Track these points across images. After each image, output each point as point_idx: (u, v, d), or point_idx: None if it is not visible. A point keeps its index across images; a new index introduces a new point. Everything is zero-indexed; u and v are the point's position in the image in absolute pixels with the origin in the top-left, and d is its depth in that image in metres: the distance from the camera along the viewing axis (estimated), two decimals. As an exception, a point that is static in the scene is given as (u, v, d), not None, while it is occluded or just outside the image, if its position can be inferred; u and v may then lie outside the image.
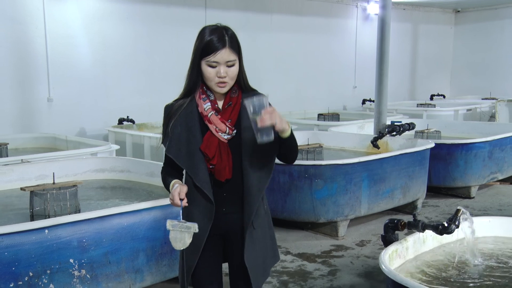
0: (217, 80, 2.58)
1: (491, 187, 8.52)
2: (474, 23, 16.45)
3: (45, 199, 4.56)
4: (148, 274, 4.35)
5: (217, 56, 2.54)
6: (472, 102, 13.23)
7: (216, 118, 2.65)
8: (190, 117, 2.70)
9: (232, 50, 2.58)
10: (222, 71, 2.56)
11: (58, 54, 8.64)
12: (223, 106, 2.70)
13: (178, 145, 2.69)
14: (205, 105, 2.67)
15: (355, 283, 4.92)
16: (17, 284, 3.69)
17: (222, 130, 2.64)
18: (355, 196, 6.09)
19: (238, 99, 2.70)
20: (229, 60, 2.57)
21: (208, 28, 2.63)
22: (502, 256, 3.75)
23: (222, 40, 2.56)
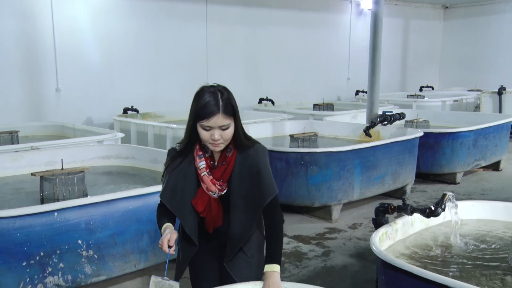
0: (211, 142, 2.55)
1: (475, 173, 8.55)
2: (462, 19, 16.46)
3: (54, 184, 4.57)
4: (152, 255, 4.38)
5: (210, 122, 2.49)
6: (458, 94, 13.22)
7: (207, 179, 2.64)
8: (188, 168, 2.69)
9: (226, 115, 2.51)
10: (216, 135, 2.52)
11: (66, 46, 8.62)
12: (218, 163, 2.69)
13: (172, 193, 2.69)
14: (200, 163, 2.66)
15: (347, 263, 4.95)
16: (29, 263, 3.73)
17: (212, 191, 2.64)
18: (348, 181, 6.12)
19: (232, 158, 2.68)
20: (223, 125, 2.52)
21: (205, 90, 2.55)
22: (484, 237, 3.77)
23: (216, 105, 2.48)
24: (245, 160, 2.67)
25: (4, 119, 7.65)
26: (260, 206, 2.66)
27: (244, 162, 2.67)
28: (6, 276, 3.68)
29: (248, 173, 2.67)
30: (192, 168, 2.69)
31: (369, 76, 7.52)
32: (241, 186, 2.67)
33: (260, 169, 2.67)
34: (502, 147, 8.64)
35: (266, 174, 2.68)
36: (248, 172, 2.67)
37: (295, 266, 4.88)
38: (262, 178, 2.66)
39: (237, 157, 2.67)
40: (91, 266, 4.03)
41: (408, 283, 2.92)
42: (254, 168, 2.66)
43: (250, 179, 2.67)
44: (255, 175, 2.66)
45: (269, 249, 2.68)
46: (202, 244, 2.78)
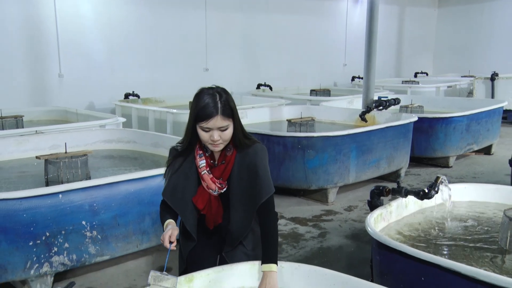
0: (210, 142, 2.57)
1: (467, 157, 8.58)
2: (456, 6, 16.43)
3: (58, 167, 4.58)
4: (154, 236, 4.39)
5: (209, 123, 2.50)
6: (452, 80, 13.22)
7: (208, 177, 2.66)
8: (188, 167, 2.72)
9: (224, 116, 2.52)
10: (216, 136, 2.53)
11: (68, 33, 8.59)
12: (218, 162, 2.71)
13: (174, 191, 2.72)
14: (200, 162, 2.68)
15: (343, 244, 4.98)
16: (36, 243, 3.75)
17: (212, 189, 2.67)
18: (344, 165, 6.13)
19: (232, 157, 2.69)
20: (222, 126, 2.52)
21: (204, 92, 2.55)
22: (475, 219, 3.79)
23: (215, 107, 2.49)
24: (244, 159, 2.69)
25: (9, 104, 7.62)
26: (256, 204, 2.68)
27: (243, 161, 2.69)
28: (14, 255, 3.70)
29: (247, 172, 2.69)
30: (193, 167, 2.71)
31: (365, 62, 7.51)
32: (240, 185, 2.69)
33: (258, 168, 2.68)
34: (493, 131, 8.66)
35: (264, 173, 2.69)
36: (246, 171, 2.69)
37: (293, 247, 4.91)
38: (260, 177, 2.68)
39: (236, 156, 2.69)
40: (95, 246, 4.05)
41: (402, 263, 2.95)
42: (253, 167, 2.68)
43: (248, 178, 2.69)
44: (253, 174, 2.68)
45: (265, 248, 2.67)
46: (203, 240, 2.82)
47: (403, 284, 2.87)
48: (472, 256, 3.14)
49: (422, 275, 2.85)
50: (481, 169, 7.83)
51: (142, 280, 4.19)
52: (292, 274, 2.66)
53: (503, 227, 3.25)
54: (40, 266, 3.82)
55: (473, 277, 2.61)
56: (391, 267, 3.09)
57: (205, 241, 2.83)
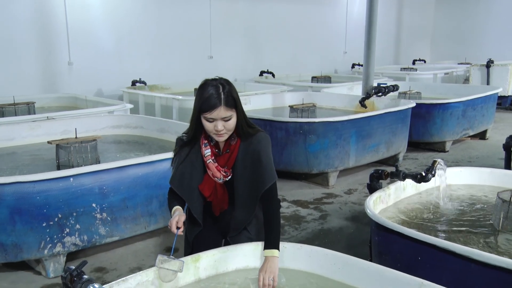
0: (215, 132, 2.58)
1: (463, 142, 8.58)
2: (453, -5, 16.33)
3: (69, 152, 4.59)
4: (161, 218, 4.42)
5: (213, 114, 2.51)
6: (449, 67, 13.17)
7: (213, 166, 2.69)
8: (194, 156, 2.73)
9: (228, 107, 2.52)
10: (220, 126, 2.54)
11: (77, 22, 8.56)
12: (223, 151, 2.73)
13: (181, 179, 2.73)
14: (206, 151, 2.70)
15: (343, 226, 5.01)
16: (49, 224, 3.79)
17: (217, 177, 2.69)
18: (344, 150, 6.15)
19: (236, 146, 2.71)
20: (225, 116, 2.53)
21: (208, 84, 2.56)
22: (470, 201, 3.81)
23: (218, 98, 2.50)
24: (248, 147, 2.70)
25: (21, 91, 7.61)
26: (260, 191, 2.69)
27: (247, 150, 2.70)
28: (28, 235, 3.75)
29: (251, 160, 2.70)
30: (198, 156, 2.73)
31: (365, 50, 7.48)
32: (244, 173, 2.71)
33: (261, 157, 2.69)
34: (488, 117, 8.66)
35: (267, 161, 2.71)
36: (250, 159, 2.70)
37: (294, 228, 4.94)
38: (263, 165, 2.69)
39: (240, 145, 2.71)
40: (105, 227, 4.08)
41: (399, 243, 2.97)
42: (256, 155, 2.69)
43: (252, 166, 2.70)
44: (257, 162, 2.69)
45: (267, 234, 2.68)
46: (208, 225, 2.85)
47: (401, 264, 2.89)
48: (466, 236, 3.16)
49: (419, 255, 2.87)
50: (476, 154, 7.84)
51: (150, 260, 4.23)
52: (294, 254, 2.68)
53: (496, 209, 3.28)
54: (53, 246, 3.86)
55: (467, 256, 2.63)
56: (389, 247, 3.12)
57: (211, 227, 2.86)
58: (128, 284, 2.32)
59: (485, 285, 2.62)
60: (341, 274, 2.52)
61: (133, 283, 2.33)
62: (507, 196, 3.23)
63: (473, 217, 3.47)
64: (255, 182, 2.70)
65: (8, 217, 3.69)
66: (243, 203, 2.75)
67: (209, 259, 2.60)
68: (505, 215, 3.20)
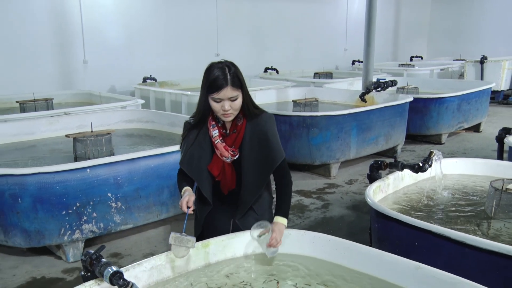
0: (222, 112, 2.57)
1: (458, 135, 8.58)
2: (448, -6, 16.28)
3: (85, 144, 4.63)
4: (172, 207, 4.46)
5: (220, 94, 2.51)
6: (445, 63, 13.12)
7: (221, 146, 2.68)
8: (203, 138, 2.72)
9: (234, 87, 2.53)
10: (226, 106, 2.53)
11: (91, 22, 8.58)
12: (230, 131, 2.72)
13: (190, 160, 2.72)
14: (213, 132, 2.69)
15: (344, 214, 5.04)
16: (68, 212, 3.84)
17: (225, 156, 2.69)
18: (345, 142, 6.16)
19: (243, 126, 2.70)
20: (232, 96, 2.53)
21: (214, 66, 2.56)
22: (465, 190, 3.82)
23: (225, 79, 2.50)
24: (255, 127, 2.70)
25: (40, 88, 7.66)
26: (270, 170, 2.72)
27: (254, 130, 2.70)
28: (49, 223, 3.81)
29: (257, 140, 2.70)
30: (206, 137, 2.73)
31: (365, 47, 7.48)
32: (251, 152, 2.71)
33: (268, 136, 2.70)
34: (482, 111, 8.64)
35: (274, 140, 2.72)
36: (257, 139, 2.70)
37: (298, 217, 4.97)
38: (271, 144, 2.70)
39: (247, 125, 2.70)
40: (120, 215, 4.12)
41: (398, 230, 2.99)
42: (263, 135, 2.70)
43: (259, 145, 2.70)
44: (264, 141, 2.70)
45: (278, 204, 2.73)
46: (218, 205, 2.85)
47: (399, 249, 2.91)
48: (461, 222, 3.18)
49: (416, 241, 2.89)
50: (471, 145, 7.83)
51: (162, 246, 4.27)
52: (299, 240, 2.70)
53: (489, 197, 3.30)
54: (72, 233, 3.91)
55: (461, 241, 2.66)
56: (388, 234, 3.14)
57: (220, 207, 2.85)
58: (143, 267, 2.36)
59: (477, 268, 2.64)
60: (342, 259, 2.54)
61: (148, 267, 2.37)
62: (499, 185, 3.26)
63: (467, 205, 3.49)
64: (264, 160, 2.71)
65: (31, 205, 3.75)
66: (250, 182, 2.74)
67: (217, 245, 2.63)
68: (497, 203, 3.22)
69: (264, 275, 2.53)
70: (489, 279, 2.46)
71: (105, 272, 2.04)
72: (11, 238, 3.88)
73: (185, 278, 2.47)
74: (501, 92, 11.71)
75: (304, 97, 7.36)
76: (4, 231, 3.87)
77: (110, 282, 2.03)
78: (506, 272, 2.54)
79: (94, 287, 2.13)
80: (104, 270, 2.05)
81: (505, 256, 2.51)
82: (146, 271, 2.36)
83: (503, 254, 2.51)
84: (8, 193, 3.72)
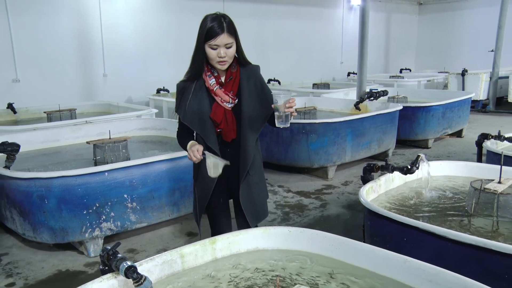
0: (218, 60, 2.52)
1: (443, 140, 8.54)
2: (433, 14, 16.38)
3: (104, 150, 4.66)
4: (183, 207, 4.46)
5: (217, 40, 2.47)
6: (431, 75, 13.10)
7: (220, 92, 2.62)
8: (199, 91, 2.65)
9: (230, 34, 2.50)
10: (222, 52, 2.50)
11: (111, 40, 8.63)
12: (226, 80, 2.66)
13: (191, 114, 2.64)
14: (211, 81, 2.63)
15: (340, 213, 5.02)
16: (88, 211, 3.86)
17: (226, 100, 2.62)
18: (341, 147, 6.15)
19: (237, 73, 2.65)
20: (228, 43, 2.50)
21: (209, 16, 2.52)
22: (448, 189, 3.81)
23: (221, 26, 2.47)
24: (249, 74, 2.67)
25: (65, 99, 7.73)
26: (267, 114, 2.66)
27: (248, 76, 2.67)
28: (72, 221, 3.83)
29: (254, 86, 2.67)
30: (203, 89, 2.66)
31: (359, 60, 7.48)
32: (249, 98, 2.65)
33: (262, 83, 2.69)
34: (464, 118, 8.61)
35: (267, 87, 2.71)
36: (253, 85, 2.67)
37: (298, 215, 4.96)
38: (265, 90, 2.68)
39: (241, 72, 2.66)
40: (135, 215, 4.13)
41: (388, 227, 2.98)
42: (258, 82, 2.68)
43: (256, 91, 2.66)
44: (260, 88, 2.67)
45: None
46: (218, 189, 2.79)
47: (389, 244, 2.90)
48: (444, 219, 3.17)
49: (405, 236, 2.89)
50: (454, 149, 7.80)
51: (174, 243, 4.27)
52: (298, 237, 2.68)
53: (469, 196, 3.31)
54: (93, 231, 3.92)
55: (444, 236, 2.66)
56: (379, 230, 3.13)
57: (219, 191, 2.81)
58: (155, 262, 2.35)
59: (459, 260, 2.64)
60: (338, 253, 2.53)
61: (160, 262, 2.36)
62: (478, 185, 3.27)
63: (450, 203, 3.48)
64: (262, 104, 2.66)
65: (56, 205, 3.77)
66: (250, 125, 2.67)
67: (224, 242, 2.62)
68: (476, 201, 3.23)
69: (266, 270, 2.52)
70: (468, 269, 2.50)
71: (121, 267, 2.04)
72: (39, 235, 3.90)
73: (194, 271, 2.46)
74: (480, 102, 11.72)
75: (303, 106, 7.36)
76: (33, 229, 3.89)
77: (125, 276, 2.03)
78: (484, 263, 2.55)
79: (111, 280, 2.13)
80: (120, 264, 2.05)
81: (483, 249, 2.52)
82: (158, 265, 2.36)
83: (480, 247, 2.53)
84: (36, 194, 3.75)
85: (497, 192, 3.15)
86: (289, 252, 2.66)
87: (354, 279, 2.32)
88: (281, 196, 5.53)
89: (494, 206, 3.16)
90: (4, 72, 7.51)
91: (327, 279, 2.35)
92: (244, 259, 2.60)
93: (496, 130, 5.11)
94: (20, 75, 7.65)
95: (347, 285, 2.29)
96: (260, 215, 2.94)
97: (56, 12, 7.94)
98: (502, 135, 4.89)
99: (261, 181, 2.92)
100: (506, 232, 2.97)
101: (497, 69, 11.48)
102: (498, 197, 3.15)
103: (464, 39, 15.47)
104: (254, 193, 2.85)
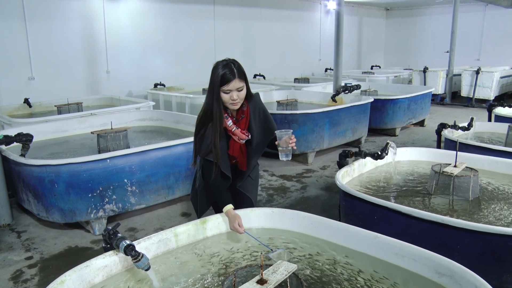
0: (231, 102, 2.48)
1: (408, 129, 8.57)
2: (398, 18, 16.55)
3: (107, 139, 4.60)
4: (177, 190, 4.43)
5: (230, 86, 2.42)
6: (397, 71, 13.16)
7: (238, 132, 2.60)
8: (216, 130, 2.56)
9: (240, 79, 2.46)
10: (235, 96, 2.46)
11: (114, 40, 8.52)
12: (238, 117, 2.62)
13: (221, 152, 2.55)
14: (229, 122, 2.58)
15: (319, 194, 5.01)
16: (93, 194, 3.82)
17: (243, 138, 2.63)
18: (320, 135, 6.14)
19: (247, 110, 2.62)
20: (239, 86, 2.46)
21: (220, 64, 2.46)
22: (413, 173, 3.83)
23: (232, 73, 2.42)
24: (255, 108, 2.65)
25: (72, 94, 7.68)
26: (270, 138, 2.69)
27: (254, 110, 2.65)
28: (79, 203, 3.79)
29: (259, 118, 2.67)
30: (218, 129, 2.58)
31: (334, 57, 7.44)
32: (257, 129, 2.66)
33: (264, 110, 2.70)
34: (426, 109, 8.66)
35: (268, 112, 2.72)
36: (258, 117, 2.66)
37: (281, 197, 4.94)
38: (268, 118, 2.70)
39: (249, 108, 2.64)
40: (134, 197, 4.09)
41: (361, 206, 2.99)
42: (261, 111, 2.68)
43: (259, 121, 2.67)
44: (263, 116, 2.68)
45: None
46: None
47: (362, 222, 2.90)
48: (410, 199, 3.19)
49: (375, 215, 2.89)
50: (417, 137, 7.83)
51: (170, 222, 4.24)
52: (280, 217, 2.68)
53: (430, 178, 3.35)
54: (97, 212, 3.88)
55: (409, 214, 2.69)
56: (353, 210, 3.12)
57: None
58: (152, 240, 2.32)
59: (421, 235, 2.67)
60: (316, 231, 2.53)
61: (156, 240, 2.34)
62: (437, 169, 3.30)
63: (414, 185, 3.50)
64: (266, 131, 2.68)
65: (64, 189, 3.73)
66: (256, 151, 2.70)
67: (213, 221, 2.60)
68: (436, 182, 3.26)
69: (252, 246, 2.50)
70: (428, 242, 2.57)
71: (120, 245, 2.04)
72: (51, 215, 3.87)
73: (187, 248, 2.44)
74: (439, 95, 11.86)
75: (286, 98, 7.34)
76: (46, 210, 3.86)
77: (124, 253, 2.03)
78: (441, 236, 2.60)
79: (113, 256, 2.12)
80: (120, 243, 2.05)
81: (440, 224, 2.57)
82: (155, 243, 2.33)
83: (438, 222, 2.58)
84: (47, 179, 3.71)
85: (453, 174, 3.18)
86: (272, 231, 2.64)
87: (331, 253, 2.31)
88: (266, 180, 5.51)
89: (451, 187, 3.19)
90: (21, 71, 7.46)
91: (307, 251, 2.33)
92: (232, 237, 2.58)
93: (452, 120, 5.15)
94: (35, 73, 7.59)
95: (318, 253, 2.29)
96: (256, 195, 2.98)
97: (66, 18, 7.85)
98: (457, 124, 4.95)
99: (255, 180, 2.96)
100: (459, 209, 3.02)
101: (452, 67, 11.66)
102: (454, 179, 3.18)
103: (425, 41, 15.71)
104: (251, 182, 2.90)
